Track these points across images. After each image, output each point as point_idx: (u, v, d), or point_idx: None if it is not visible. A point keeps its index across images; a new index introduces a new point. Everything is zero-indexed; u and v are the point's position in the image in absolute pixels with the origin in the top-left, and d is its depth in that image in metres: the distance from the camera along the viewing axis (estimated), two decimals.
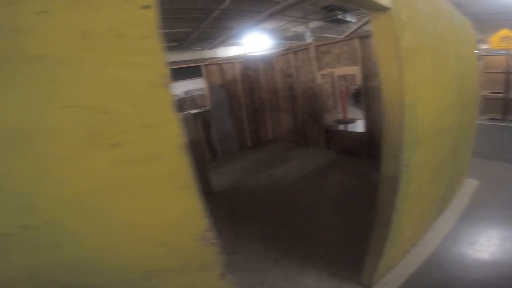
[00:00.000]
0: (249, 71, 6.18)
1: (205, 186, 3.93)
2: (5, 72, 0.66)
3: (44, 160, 0.65)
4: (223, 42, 5.92)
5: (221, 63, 5.73)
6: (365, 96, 4.53)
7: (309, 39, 8.54)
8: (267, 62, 6.23)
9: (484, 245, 2.17)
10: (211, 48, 5.91)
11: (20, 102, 0.64)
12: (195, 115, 5.40)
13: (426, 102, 1.83)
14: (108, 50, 0.76)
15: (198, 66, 5.44)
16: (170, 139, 0.79)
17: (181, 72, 5.32)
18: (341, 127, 6.16)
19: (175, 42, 5.45)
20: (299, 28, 8.55)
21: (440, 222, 2.48)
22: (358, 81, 5.05)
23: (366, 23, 4.78)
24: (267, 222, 3.07)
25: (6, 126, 0.63)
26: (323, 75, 5.44)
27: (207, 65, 5.52)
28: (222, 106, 5.73)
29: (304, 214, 3.11)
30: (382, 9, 1.54)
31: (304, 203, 3.39)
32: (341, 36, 5.18)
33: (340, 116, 6.83)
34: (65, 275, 0.72)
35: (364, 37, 4.39)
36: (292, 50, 5.57)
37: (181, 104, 6.15)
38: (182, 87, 7.15)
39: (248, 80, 6.18)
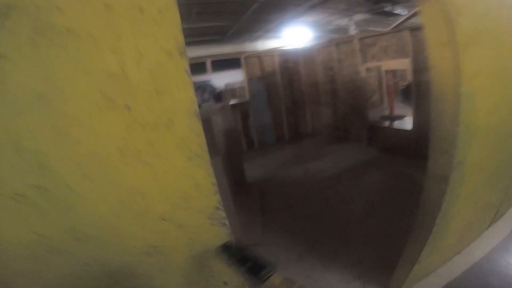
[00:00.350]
0: (289, 63, 6.08)
1: (238, 176, 3.98)
2: (39, 44, 0.72)
3: (64, 121, 0.70)
4: (263, 35, 5.88)
5: (260, 56, 5.73)
6: (415, 91, 4.13)
7: (353, 33, 8.05)
8: (308, 55, 6.05)
9: None
10: (251, 41, 5.93)
11: (49, 69, 0.70)
12: (233, 105, 5.51)
13: (487, 94, 1.58)
14: (128, 23, 0.79)
15: (238, 58, 5.53)
16: (183, 106, 0.79)
17: (221, 64, 5.49)
18: (386, 123, 5.71)
19: (216, 35, 5.59)
20: (342, 21, 8.10)
21: (493, 231, 2.14)
22: (408, 75, 4.61)
23: (415, 14, 4.31)
24: (296, 216, 2.98)
25: (34, 89, 0.68)
26: (368, 69, 5.09)
27: (246, 57, 5.56)
28: (260, 98, 5.75)
29: (334, 211, 2.96)
30: None
31: (336, 200, 3.22)
32: (388, 29, 4.77)
33: (386, 112, 6.34)
34: (72, 245, 0.74)
35: (415, 29, 3.99)
36: (334, 42, 5.32)
37: (221, 95, 6.35)
38: (222, 79, 7.37)
39: (288, 72, 6.08)
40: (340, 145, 5.43)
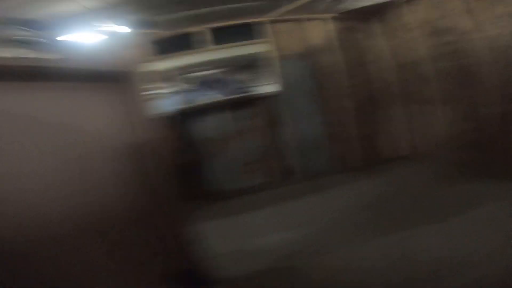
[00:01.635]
0: (357, 32, 3.54)
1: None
2: None
3: None
4: None
5: (300, 20, 3.40)
6: None
7: None
8: (392, 16, 3.35)
9: None
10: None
11: None
12: (242, 101, 3.18)
13: None
14: None
15: (254, 24, 3.26)
16: None
17: (221, 34, 3.15)
18: None
19: None
20: None
21: None
22: None
23: None
24: None
25: None
26: None
27: (274, 22, 3.30)
28: (303, 91, 3.36)
29: None
30: None
31: None
32: None
33: None
34: None
35: None
36: None
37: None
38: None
39: (357, 47, 3.54)
40: (480, 185, 2.36)
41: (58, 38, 2.82)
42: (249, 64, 3.45)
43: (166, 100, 3.13)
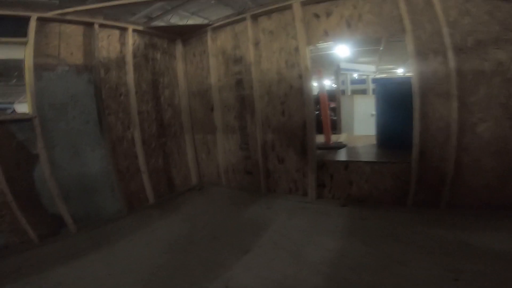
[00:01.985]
0: (156, 51, 3.25)
1: None
2: None
3: None
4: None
5: (90, 23, 2.62)
6: (419, 90, 2.31)
7: None
8: (196, 38, 3.40)
9: None
10: None
11: None
12: None
13: None
14: None
15: (22, 19, 2.17)
16: None
17: None
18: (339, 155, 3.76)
19: None
20: None
21: None
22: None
23: None
24: None
25: None
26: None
27: (46, 20, 2.35)
28: (78, 114, 2.54)
29: None
30: None
31: None
32: None
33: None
34: None
35: None
36: (251, 13, 2.95)
37: None
38: None
39: (152, 67, 3.22)
40: (263, 205, 2.82)
41: None
42: None
43: None
